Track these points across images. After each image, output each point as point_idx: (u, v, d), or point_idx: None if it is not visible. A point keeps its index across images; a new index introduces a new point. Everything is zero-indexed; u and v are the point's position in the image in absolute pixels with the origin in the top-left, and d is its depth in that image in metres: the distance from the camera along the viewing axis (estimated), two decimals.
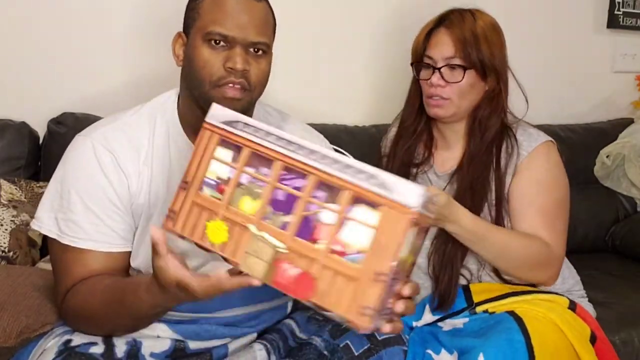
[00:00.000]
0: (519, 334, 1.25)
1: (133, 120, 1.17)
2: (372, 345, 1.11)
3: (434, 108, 1.45)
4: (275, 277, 0.81)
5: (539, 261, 1.37)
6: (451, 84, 1.42)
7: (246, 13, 1.10)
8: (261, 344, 1.17)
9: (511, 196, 1.42)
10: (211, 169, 0.88)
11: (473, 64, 1.41)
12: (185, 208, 0.89)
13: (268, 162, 0.85)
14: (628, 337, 1.65)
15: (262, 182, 0.85)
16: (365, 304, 0.76)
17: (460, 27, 1.43)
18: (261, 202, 0.84)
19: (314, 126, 1.39)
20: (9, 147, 1.74)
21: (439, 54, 1.43)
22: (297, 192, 0.82)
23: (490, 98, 1.45)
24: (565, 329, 1.30)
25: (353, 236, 0.79)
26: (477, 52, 1.41)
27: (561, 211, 1.44)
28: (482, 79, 1.44)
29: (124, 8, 1.88)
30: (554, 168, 1.45)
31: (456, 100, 1.43)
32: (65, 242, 1.10)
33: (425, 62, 1.46)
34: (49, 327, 1.21)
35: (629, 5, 2.56)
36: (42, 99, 1.84)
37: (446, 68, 1.42)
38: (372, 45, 2.19)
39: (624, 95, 2.60)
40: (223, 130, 0.89)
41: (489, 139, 1.44)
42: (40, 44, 1.82)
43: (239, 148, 0.87)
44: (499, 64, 1.44)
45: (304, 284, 0.80)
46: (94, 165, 1.11)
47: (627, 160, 2.28)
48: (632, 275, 2.04)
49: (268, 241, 0.82)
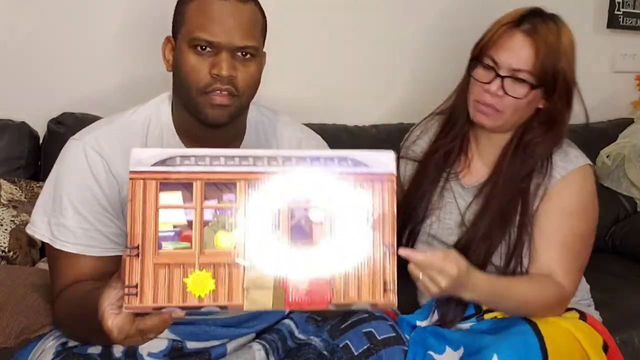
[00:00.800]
0: (534, 337, 1.21)
1: (127, 123, 1.17)
2: (372, 345, 1.11)
3: (481, 116, 1.31)
4: (287, 299, 0.76)
5: (552, 306, 1.30)
6: (509, 97, 1.27)
7: (232, 17, 1.08)
8: (260, 344, 1.17)
9: (536, 221, 1.32)
10: (162, 220, 0.78)
11: (543, 83, 1.28)
12: (147, 276, 0.77)
13: (229, 187, 0.78)
14: (628, 337, 1.65)
15: (230, 209, 0.78)
16: (386, 279, 0.76)
17: (544, 39, 1.27)
18: (239, 230, 0.78)
19: (312, 126, 1.38)
20: (9, 147, 1.74)
21: (509, 61, 1.27)
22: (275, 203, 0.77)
23: (547, 121, 1.33)
24: (580, 337, 1.26)
25: (351, 221, 0.78)
26: (553, 71, 1.27)
27: (584, 245, 1.34)
28: (543, 97, 1.31)
29: (124, 8, 1.88)
30: (586, 198, 1.34)
31: (508, 114, 1.29)
32: (57, 247, 1.10)
33: (487, 63, 1.29)
34: (48, 327, 1.21)
35: (629, 5, 2.56)
36: (42, 99, 1.83)
37: (510, 79, 1.27)
38: (372, 45, 2.19)
39: (624, 95, 2.60)
40: (158, 173, 0.78)
41: (531, 167, 1.33)
42: (40, 44, 1.82)
43: (188, 185, 0.78)
44: (570, 86, 1.32)
45: (319, 293, 0.76)
46: (85, 170, 1.11)
47: (627, 160, 2.28)
48: (632, 275, 2.03)
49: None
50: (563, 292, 1.30)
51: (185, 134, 1.17)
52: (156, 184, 0.77)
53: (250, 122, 1.24)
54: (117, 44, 1.89)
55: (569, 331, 1.27)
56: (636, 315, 1.74)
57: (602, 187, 2.33)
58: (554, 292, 1.29)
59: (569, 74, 1.31)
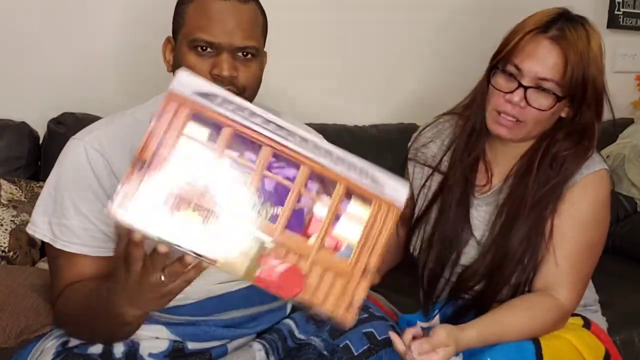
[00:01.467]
0: (530, 343, 1.18)
1: (127, 123, 1.16)
2: (372, 345, 1.11)
3: (499, 127, 1.23)
4: (258, 275, 0.75)
5: (552, 325, 1.25)
6: (532, 108, 1.19)
7: (232, 17, 1.07)
8: (260, 344, 1.17)
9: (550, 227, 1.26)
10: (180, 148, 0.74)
11: (570, 94, 1.20)
12: (142, 195, 0.72)
13: (254, 147, 0.75)
14: (628, 337, 1.65)
15: (247, 168, 0.75)
16: (355, 299, 0.77)
17: (573, 47, 1.19)
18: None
19: (312, 126, 1.38)
20: (9, 147, 1.74)
21: (534, 69, 1.18)
22: (288, 182, 0.76)
23: (575, 132, 1.25)
24: (582, 349, 1.24)
25: (345, 231, 0.77)
26: (583, 80, 1.19)
27: (593, 253, 1.29)
28: (568, 105, 1.23)
29: (124, 8, 1.88)
30: (598, 205, 1.27)
31: (530, 125, 1.22)
32: (58, 247, 1.10)
33: (510, 71, 1.21)
34: (48, 327, 1.21)
35: (629, 5, 2.56)
36: (42, 99, 1.84)
37: (535, 90, 1.19)
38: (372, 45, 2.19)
39: (624, 95, 2.60)
40: (195, 103, 0.74)
41: (559, 185, 1.24)
42: (40, 44, 1.82)
43: (218, 127, 0.74)
44: (600, 95, 1.24)
45: (291, 281, 0.76)
46: (86, 169, 1.11)
47: (627, 161, 2.28)
48: (632, 275, 2.03)
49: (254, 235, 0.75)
50: (563, 309, 1.26)
51: None
52: (188, 112, 0.73)
53: None
54: (118, 44, 1.89)
55: (569, 342, 1.25)
56: (636, 315, 1.74)
57: None
58: (552, 315, 1.25)
59: (599, 81, 1.22)
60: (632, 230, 2.25)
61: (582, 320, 1.33)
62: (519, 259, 1.26)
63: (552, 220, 1.26)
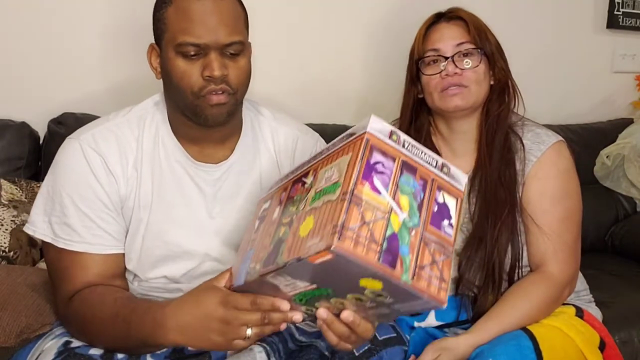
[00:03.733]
0: (527, 339, 1.22)
1: (123, 122, 1.17)
2: (373, 345, 1.11)
3: (453, 98, 1.35)
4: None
5: (550, 306, 1.33)
6: (467, 71, 1.35)
7: (213, 15, 1.07)
8: (261, 346, 1.17)
9: (524, 210, 1.35)
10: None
11: (483, 46, 1.36)
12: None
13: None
14: (628, 337, 1.65)
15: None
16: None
17: (464, 13, 1.39)
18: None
19: (312, 126, 1.39)
20: (9, 147, 1.75)
21: (448, 42, 1.36)
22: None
23: (500, 90, 1.40)
24: (573, 335, 1.27)
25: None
26: (487, 40, 1.37)
27: (571, 223, 1.36)
28: (490, 70, 1.39)
29: (124, 7, 1.88)
30: (564, 175, 1.37)
31: (474, 87, 1.36)
32: (60, 246, 1.10)
33: (430, 56, 1.38)
34: (48, 327, 1.21)
35: (628, 5, 2.56)
36: (42, 99, 1.84)
37: (459, 55, 1.35)
38: (371, 45, 2.19)
39: (623, 95, 2.60)
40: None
41: (502, 140, 1.36)
42: (40, 44, 1.82)
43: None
44: (501, 50, 1.40)
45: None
46: (84, 167, 1.11)
47: (627, 161, 2.28)
48: (632, 275, 2.04)
49: None
50: (555, 283, 1.32)
51: (181, 134, 1.17)
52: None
53: (246, 120, 1.24)
54: (118, 44, 1.89)
55: (561, 330, 1.27)
56: (636, 315, 1.74)
57: (601, 187, 2.34)
58: (547, 293, 1.31)
59: (494, 37, 1.40)
60: (632, 230, 2.25)
61: (575, 309, 1.36)
62: (504, 244, 1.33)
63: (524, 200, 1.35)
